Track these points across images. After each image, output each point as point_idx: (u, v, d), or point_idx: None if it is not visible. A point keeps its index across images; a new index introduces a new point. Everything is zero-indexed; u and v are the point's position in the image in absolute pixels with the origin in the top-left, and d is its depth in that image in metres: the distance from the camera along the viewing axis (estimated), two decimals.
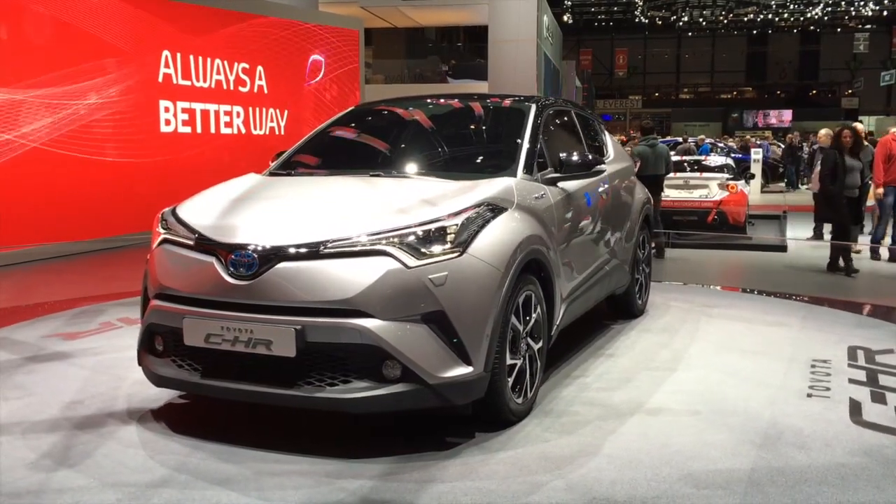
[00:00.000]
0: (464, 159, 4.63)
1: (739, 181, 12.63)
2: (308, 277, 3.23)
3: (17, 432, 3.60)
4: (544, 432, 3.60)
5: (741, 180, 12.86)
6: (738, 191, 12.09)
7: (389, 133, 4.99)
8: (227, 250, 3.36)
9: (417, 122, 5.00)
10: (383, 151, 4.78)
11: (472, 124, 5.01)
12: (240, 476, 3.14)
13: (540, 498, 2.95)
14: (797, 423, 3.77)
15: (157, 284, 3.57)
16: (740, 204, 11.98)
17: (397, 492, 2.98)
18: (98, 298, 6.81)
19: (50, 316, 6.08)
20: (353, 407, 3.23)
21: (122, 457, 3.33)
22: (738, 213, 11.91)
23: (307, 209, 3.69)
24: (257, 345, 3.23)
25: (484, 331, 3.36)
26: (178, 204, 3.96)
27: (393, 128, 5.04)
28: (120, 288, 7.24)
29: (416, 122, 5.00)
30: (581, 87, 32.09)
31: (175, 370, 3.50)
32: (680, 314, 6.19)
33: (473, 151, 4.77)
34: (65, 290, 7.46)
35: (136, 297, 6.60)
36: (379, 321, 3.16)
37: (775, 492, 3.03)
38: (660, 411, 3.91)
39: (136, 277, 4.14)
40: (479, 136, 4.93)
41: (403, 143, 4.85)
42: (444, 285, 3.25)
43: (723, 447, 3.45)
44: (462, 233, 3.38)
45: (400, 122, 5.05)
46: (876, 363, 4.90)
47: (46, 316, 6.09)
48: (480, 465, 3.23)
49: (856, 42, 39.90)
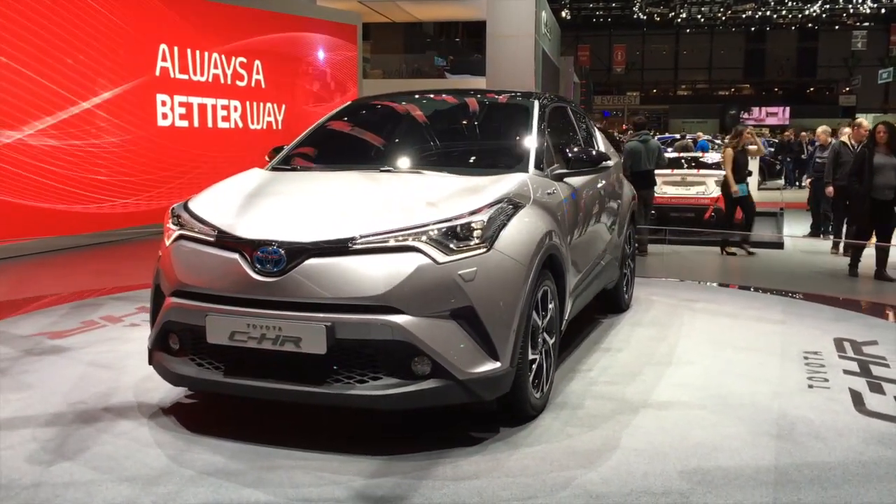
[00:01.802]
0: (472, 155, 4.62)
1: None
2: (338, 274, 3.19)
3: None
4: (565, 427, 3.65)
5: None
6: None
7: (393, 128, 4.98)
8: (251, 247, 3.30)
9: (422, 117, 4.99)
10: (389, 147, 4.76)
11: (476, 120, 5.01)
12: (242, 470, 3.14)
13: (577, 491, 3.00)
14: (806, 414, 3.88)
15: (175, 282, 3.47)
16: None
17: (434, 488, 3.00)
18: (77, 296, 6.79)
19: (32, 314, 6.02)
20: (384, 404, 3.21)
21: (120, 452, 3.33)
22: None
23: (329, 205, 3.64)
24: (285, 342, 3.19)
25: (511, 326, 3.37)
26: (187, 199, 3.88)
27: (396, 123, 5.02)
28: (102, 284, 7.22)
29: (421, 117, 4.99)
30: (579, 83, 32.09)
31: (195, 369, 3.44)
32: (665, 309, 6.31)
33: (481, 147, 4.77)
34: (44, 287, 7.44)
35: (116, 294, 6.64)
36: (410, 317, 3.15)
37: (804, 481, 3.13)
38: (670, 405, 3.99)
39: (119, 273, 4.12)
40: (484, 131, 4.92)
41: (409, 139, 4.84)
42: (473, 281, 3.25)
43: (741, 439, 3.54)
44: (489, 228, 3.38)
45: (402, 117, 5.04)
46: (864, 354, 5.05)
47: (28, 314, 6.01)
48: (510, 460, 3.27)
49: (854, 39, 39.90)
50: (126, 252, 9.54)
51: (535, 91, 10.13)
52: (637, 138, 10.07)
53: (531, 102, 4.78)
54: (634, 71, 48.46)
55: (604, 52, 45.86)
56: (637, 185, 9.95)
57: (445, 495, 2.94)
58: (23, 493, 2.94)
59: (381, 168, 4.22)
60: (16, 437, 3.48)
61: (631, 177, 9.89)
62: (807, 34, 45.97)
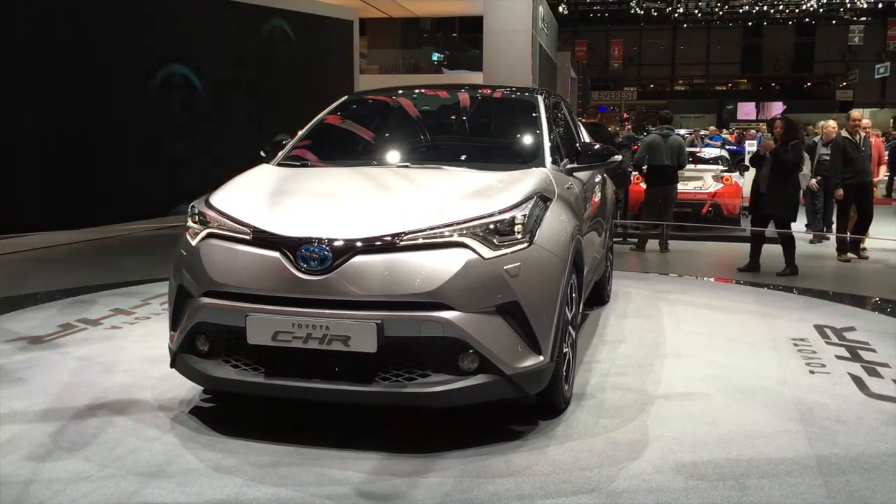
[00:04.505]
0: (487, 150, 4.60)
1: (734, 173, 12.64)
2: (387, 270, 3.15)
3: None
4: (598, 419, 3.70)
5: (735, 172, 12.88)
6: (733, 183, 12.12)
7: (399, 124, 4.95)
8: (294, 245, 3.23)
9: (427, 112, 4.99)
10: (399, 143, 4.72)
11: (485, 114, 5.01)
12: (239, 467, 3.13)
13: (636, 482, 3.03)
14: (819, 399, 4.02)
15: (208, 282, 3.36)
16: (735, 196, 12.02)
17: (499, 485, 3.00)
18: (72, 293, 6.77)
19: (27, 310, 5.99)
20: (438, 401, 3.21)
21: (117, 448, 3.32)
22: (732, 205, 11.96)
23: (365, 201, 3.60)
24: (333, 341, 3.14)
25: (552, 320, 3.41)
26: (206, 196, 3.76)
27: (402, 118, 4.99)
28: (97, 280, 7.16)
29: (424, 112, 4.98)
30: (576, 79, 32.01)
31: (232, 371, 3.35)
32: (644, 301, 6.47)
33: (494, 142, 4.76)
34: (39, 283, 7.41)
35: (112, 290, 6.61)
36: (459, 313, 3.14)
37: (846, 465, 3.22)
38: (690, 395, 4.08)
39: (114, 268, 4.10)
40: (493, 126, 4.92)
41: (413, 134, 4.83)
42: (517, 276, 3.25)
43: (770, 424, 3.65)
44: (529, 223, 3.38)
45: (408, 112, 5.00)
46: (848, 340, 5.25)
47: (23, 310, 5.98)
48: (559, 453, 3.31)
49: (851, 34, 39.85)
50: (121, 248, 9.52)
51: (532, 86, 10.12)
52: (658, 131, 9.90)
53: (536, 97, 4.80)
54: (632, 66, 48.37)
55: (601, 47, 45.74)
56: (651, 181, 9.91)
57: (509, 490, 2.96)
58: (20, 490, 2.93)
59: (398, 164, 4.20)
60: (11, 433, 3.47)
61: (647, 171, 9.86)
62: (804, 29, 45.86)
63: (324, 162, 4.41)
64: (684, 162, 9.98)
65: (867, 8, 38.52)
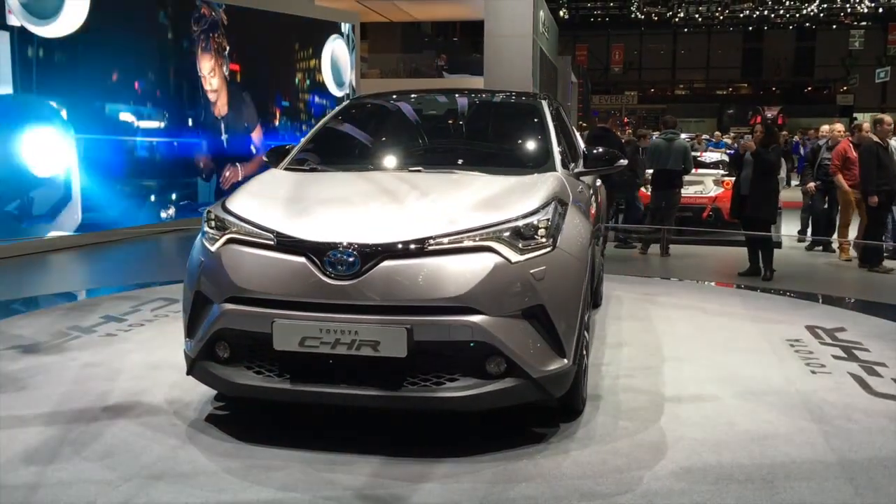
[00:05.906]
0: (497, 154, 4.61)
1: (734, 177, 12.62)
2: (416, 275, 3.15)
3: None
4: (617, 421, 3.72)
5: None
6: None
7: (404, 128, 4.95)
8: (320, 250, 3.21)
9: (435, 115, 5.02)
10: (407, 147, 4.71)
11: (490, 118, 5.02)
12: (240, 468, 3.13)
13: (668, 483, 3.06)
14: (826, 397, 4.08)
15: (231, 287, 3.32)
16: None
17: (533, 487, 3.01)
18: (76, 296, 6.77)
19: (30, 314, 6.01)
20: (468, 405, 3.21)
21: (118, 452, 3.33)
22: None
23: (387, 205, 3.58)
24: (362, 346, 3.12)
25: (575, 323, 3.43)
26: (221, 201, 3.72)
27: (405, 123, 4.99)
28: (99, 284, 7.21)
29: (435, 115, 5.01)
30: (577, 83, 32.04)
31: (256, 377, 3.32)
32: (634, 304, 6.50)
33: (504, 146, 4.75)
34: (42, 287, 7.42)
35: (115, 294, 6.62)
36: (489, 317, 3.14)
37: (868, 464, 3.25)
38: (701, 396, 4.11)
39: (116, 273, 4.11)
40: (500, 130, 4.92)
41: (429, 138, 4.83)
42: (543, 280, 3.26)
43: (784, 424, 3.69)
44: (551, 227, 3.40)
45: (411, 116, 5.01)
46: (841, 340, 5.30)
47: (26, 314, 5.97)
48: (585, 456, 3.32)
49: (851, 39, 39.92)
50: (124, 252, 9.53)
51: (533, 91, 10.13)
52: (663, 136, 9.95)
53: (540, 102, 4.84)
54: (632, 70, 48.43)
55: (601, 51, 45.83)
56: (656, 185, 9.95)
57: (544, 493, 2.97)
58: (22, 494, 2.94)
59: (409, 168, 4.19)
60: (13, 437, 3.48)
61: (652, 176, 9.91)
62: (804, 33, 45.94)
63: (333, 166, 4.38)
64: (690, 166, 10.02)
65: (867, 13, 38.56)
